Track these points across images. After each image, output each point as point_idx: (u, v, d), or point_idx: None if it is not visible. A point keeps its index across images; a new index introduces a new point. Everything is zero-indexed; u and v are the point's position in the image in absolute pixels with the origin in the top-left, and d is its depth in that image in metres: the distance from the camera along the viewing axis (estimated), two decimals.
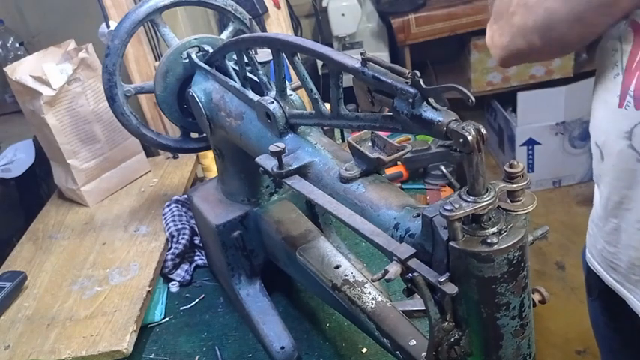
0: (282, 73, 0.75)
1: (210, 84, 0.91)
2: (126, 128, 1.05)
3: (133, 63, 1.40)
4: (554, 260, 2.41)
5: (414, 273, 0.49)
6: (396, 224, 0.56)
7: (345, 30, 2.16)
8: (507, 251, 0.46)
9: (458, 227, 0.46)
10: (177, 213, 1.18)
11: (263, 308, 0.96)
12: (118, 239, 1.19)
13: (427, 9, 2.36)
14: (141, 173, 1.41)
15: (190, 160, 1.44)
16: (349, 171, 0.62)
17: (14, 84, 1.19)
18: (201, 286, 1.11)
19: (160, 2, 0.99)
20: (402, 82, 0.54)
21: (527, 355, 0.53)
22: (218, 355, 0.94)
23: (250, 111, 0.81)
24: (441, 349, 0.52)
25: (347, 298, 0.72)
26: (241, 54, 0.82)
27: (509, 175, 0.48)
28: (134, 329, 0.95)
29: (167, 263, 1.11)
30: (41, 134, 1.26)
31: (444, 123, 0.50)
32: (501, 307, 0.49)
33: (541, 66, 2.57)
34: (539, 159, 2.75)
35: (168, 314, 1.05)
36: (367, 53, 0.57)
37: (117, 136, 1.32)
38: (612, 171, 0.79)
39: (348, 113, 0.64)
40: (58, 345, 0.94)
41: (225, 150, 0.95)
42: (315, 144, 0.71)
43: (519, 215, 0.48)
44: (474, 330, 0.51)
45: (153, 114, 1.47)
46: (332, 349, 0.92)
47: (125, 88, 1.02)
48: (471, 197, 0.46)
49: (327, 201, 0.61)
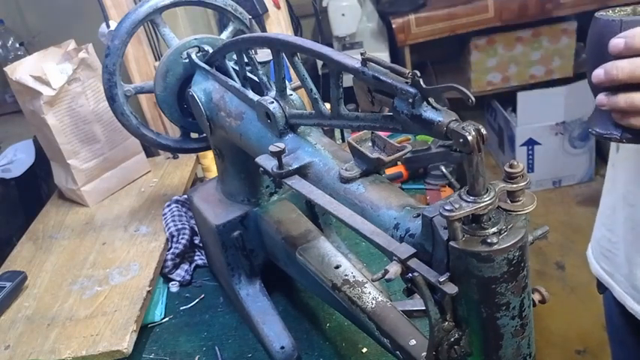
0: (282, 73, 0.75)
1: (210, 84, 0.91)
2: (126, 128, 1.05)
3: (133, 63, 1.40)
4: (554, 260, 2.42)
5: (414, 273, 0.49)
6: (396, 224, 0.56)
7: (345, 30, 2.16)
8: (507, 251, 0.46)
9: (458, 227, 0.46)
10: (177, 213, 1.18)
11: (263, 308, 0.96)
12: (118, 239, 1.19)
13: (427, 9, 2.36)
14: (141, 173, 1.41)
15: (190, 160, 1.44)
16: (349, 171, 0.62)
17: (14, 84, 1.19)
18: (201, 286, 1.11)
19: (160, 2, 0.99)
20: (402, 82, 0.54)
21: (527, 355, 0.53)
22: (218, 355, 0.94)
23: (250, 111, 0.81)
24: (441, 349, 0.52)
25: (347, 298, 0.72)
26: (241, 54, 0.82)
27: (509, 175, 0.49)
28: (134, 329, 0.95)
29: (167, 263, 1.11)
30: (41, 134, 1.26)
31: (444, 123, 0.50)
32: (501, 307, 0.49)
33: (541, 66, 2.57)
34: (539, 159, 2.75)
35: (168, 314, 1.05)
36: (367, 53, 0.57)
37: (117, 136, 1.32)
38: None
39: (348, 113, 0.64)
40: (58, 345, 0.94)
41: (225, 150, 0.95)
42: (315, 144, 0.71)
43: (519, 215, 0.48)
44: (474, 330, 0.51)
45: (153, 114, 1.47)
46: (332, 349, 0.92)
47: (125, 88, 1.02)
48: (471, 197, 0.46)
49: (327, 201, 0.61)
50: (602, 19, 0.62)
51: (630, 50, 0.57)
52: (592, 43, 0.63)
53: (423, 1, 2.36)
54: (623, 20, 0.59)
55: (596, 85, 0.61)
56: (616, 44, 0.58)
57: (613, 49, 0.58)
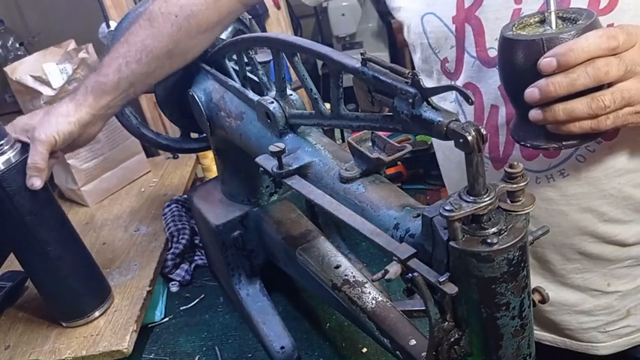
0: (282, 73, 0.75)
1: (210, 84, 0.91)
2: (126, 128, 1.05)
3: None
4: None
5: (414, 273, 0.49)
6: (396, 224, 0.56)
7: (345, 30, 2.15)
8: (507, 251, 0.46)
9: (458, 227, 0.46)
10: (177, 213, 1.18)
11: (263, 308, 0.96)
12: (118, 239, 1.19)
13: None
14: (141, 173, 1.41)
15: (190, 160, 1.44)
16: (349, 171, 0.62)
17: (14, 84, 1.19)
18: (202, 286, 1.11)
19: None
20: (402, 82, 0.54)
21: (527, 355, 0.53)
22: (218, 355, 0.94)
23: (250, 111, 0.81)
24: (441, 349, 0.52)
25: (347, 298, 0.72)
26: (241, 54, 0.82)
27: (509, 175, 0.48)
28: (134, 329, 0.95)
29: (167, 263, 1.11)
30: None
31: (444, 123, 0.50)
32: (501, 307, 0.49)
33: None
34: None
35: (168, 314, 1.05)
36: (367, 53, 0.57)
37: (117, 136, 1.32)
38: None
39: (348, 113, 0.64)
40: (58, 345, 0.94)
41: (225, 150, 0.95)
42: (315, 144, 0.71)
43: (519, 215, 0.48)
44: (473, 330, 0.51)
45: (153, 114, 1.47)
46: (332, 349, 0.92)
47: None
48: (470, 197, 0.46)
49: (327, 201, 0.61)
50: (520, 40, 0.60)
51: (563, 68, 0.57)
52: (512, 63, 0.62)
53: None
54: (544, 39, 0.59)
55: (530, 103, 0.60)
56: (548, 63, 0.57)
57: (546, 68, 0.58)
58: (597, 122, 0.60)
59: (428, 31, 0.80)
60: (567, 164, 0.74)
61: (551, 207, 0.77)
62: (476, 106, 0.77)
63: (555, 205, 0.77)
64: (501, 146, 0.77)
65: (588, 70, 0.57)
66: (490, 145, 0.78)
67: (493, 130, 0.77)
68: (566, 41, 0.58)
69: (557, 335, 0.88)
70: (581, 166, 0.74)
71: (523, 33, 0.62)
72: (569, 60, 0.57)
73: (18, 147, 0.85)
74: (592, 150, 0.72)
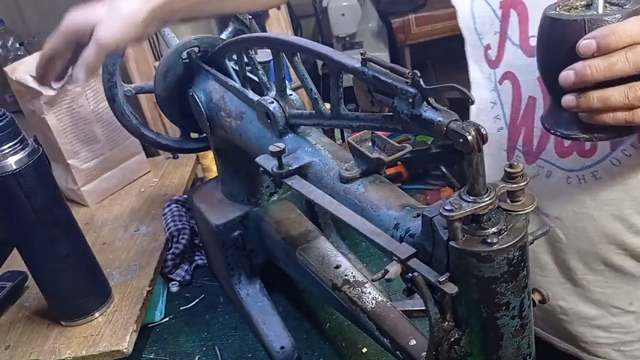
0: (282, 73, 0.75)
1: (210, 84, 0.91)
2: (126, 128, 1.05)
3: (133, 63, 1.40)
4: None
5: (414, 273, 0.49)
6: (396, 224, 0.56)
7: (345, 30, 2.16)
8: (507, 251, 0.46)
9: (458, 227, 0.46)
10: (177, 213, 1.18)
11: (263, 308, 0.96)
12: (118, 239, 1.19)
13: (427, 9, 2.35)
14: (141, 173, 1.41)
15: (190, 160, 1.44)
16: (349, 171, 0.62)
17: (14, 84, 1.19)
18: (202, 286, 1.11)
19: None
20: (402, 82, 0.54)
21: (527, 355, 0.53)
22: (218, 355, 0.94)
23: (250, 111, 0.81)
24: (441, 349, 0.52)
25: (347, 298, 0.72)
26: (241, 54, 0.82)
27: (509, 175, 0.48)
28: (134, 329, 0.95)
29: (167, 263, 1.11)
30: (41, 134, 1.26)
31: (444, 123, 0.50)
32: (501, 307, 0.49)
33: None
34: None
35: (168, 314, 1.05)
36: (367, 53, 0.57)
37: (117, 136, 1.32)
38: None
39: (348, 113, 0.64)
40: (58, 345, 0.94)
41: (225, 150, 0.95)
42: (315, 144, 0.71)
43: (519, 215, 0.48)
44: (473, 330, 0.51)
45: (153, 114, 1.47)
46: (332, 349, 0.92)
47: (125, 88, 1.02)
48: (471, 197, 0.46)
49: (327, 201, 0.61)
50: (561, 19, 0.59)
51: (603, 51, 0.55)
52: (551, 44, 0.60)
53: (423, 1, 2.36)
54: (587, 20, 0.57)
55: (565, 87, 0.58)
56: (587, 45, 0.55)
57: (585, 50, 0.55)
58: (632, 115, 0.57)
59: (476, 16, 0.78)
60: (601, 166, 0.71)
61: (580, 210, 0.74)
62: (513, 96, 0.74)
63: (584, 209, 0.74)
64: (535, 139, 0.75)
65: (629, 55, 0.54)
66: (524, 138, 0.75)
67: (529, 123, 0.74)
68: (609, 24, 0.56)
69: (571, 345, 0.86)
70: (616, 170, 0.70)
71: (566, 14, 0.60)
72: (609, 43, 0.54)
73: (32, 145, 0.86)
74: (628, 154, 0.69)
